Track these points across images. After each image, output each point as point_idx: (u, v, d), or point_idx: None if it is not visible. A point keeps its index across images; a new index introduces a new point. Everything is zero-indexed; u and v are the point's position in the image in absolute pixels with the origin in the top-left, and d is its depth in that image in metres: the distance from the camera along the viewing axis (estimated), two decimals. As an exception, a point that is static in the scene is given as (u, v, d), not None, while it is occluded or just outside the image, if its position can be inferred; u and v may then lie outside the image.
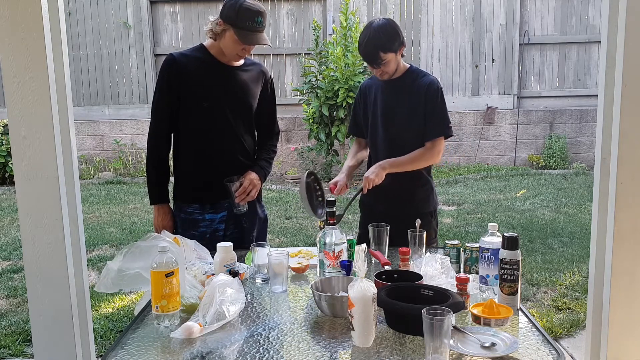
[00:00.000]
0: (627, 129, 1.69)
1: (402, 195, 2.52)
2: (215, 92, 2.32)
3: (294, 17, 8.67)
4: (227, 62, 2.34)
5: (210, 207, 2.38)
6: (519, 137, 8.61)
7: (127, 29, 8.60)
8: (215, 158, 2.37)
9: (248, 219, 2.45)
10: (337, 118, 7.29)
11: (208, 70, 2.32)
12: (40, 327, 1.84)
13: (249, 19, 2.17)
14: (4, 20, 1.72)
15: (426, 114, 2.43)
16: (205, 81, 2.31)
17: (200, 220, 2.37)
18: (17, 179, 1.80)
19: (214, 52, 2.32)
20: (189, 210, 2.38)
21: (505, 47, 8.70)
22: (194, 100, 2.31)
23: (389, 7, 8.59)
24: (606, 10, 1.74)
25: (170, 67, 2.29)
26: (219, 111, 2.33)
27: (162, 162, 2.37)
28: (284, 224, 5.59)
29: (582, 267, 4.21)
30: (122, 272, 1.70)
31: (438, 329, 1.30)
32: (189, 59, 2.32)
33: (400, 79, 2.48)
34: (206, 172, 2.37)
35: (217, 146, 2.36)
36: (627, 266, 1.73)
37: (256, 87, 2.43)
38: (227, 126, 2.36)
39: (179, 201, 2.42)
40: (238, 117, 2.38)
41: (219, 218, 2.40)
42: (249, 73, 2.41)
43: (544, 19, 8.68)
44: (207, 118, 2.33)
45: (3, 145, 7.56)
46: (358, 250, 1.49)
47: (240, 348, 1.47)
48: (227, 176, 2.32)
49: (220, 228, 2.40)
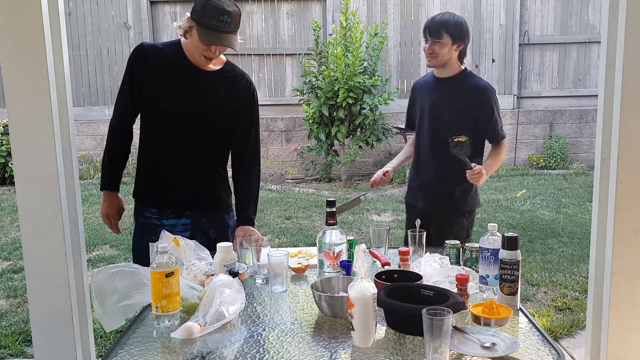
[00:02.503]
0: (627, 129, 1.69)
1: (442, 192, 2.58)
2: (177, 92, 2.16)
3: (294, 17, 8.67)
4: (198, 64, 2.15)
5: (170, 212, 2.24)
6: (519, 137, 8.61)
7: (127, 29, 8.60)
8: (171, 163, 2.21)
9: (215, 230, 2.29)
10: (337, 118, 7.29)
11: (174, 68, 2.15)
12: (40, 327, 1.84)
13: (212, 17, 1.99)
14: (4, 20, 1.72)
15: (485, 118, 2.50)
16: (168, 78, 2.15)
17: (157, 225, 2.20)
18: (17, 179, 1.79)
19: (187, 52, 2.15)
20: (147, 215, 2.26)
21: (505, 47, 8.69)
22: (153, 96, 2.16)
23: (389, 7, 8.58)
24: (606, 10, 1.74)
25: (137, 56, 2.16)
26: (178, 114, 2.16)
27: (117, 152, 2.27)
28: (284, 224, 5.59)
29: (582, 267, 4.21)
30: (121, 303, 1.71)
31: (438, 329, 1.29)
32: (159, 52, 2.18)
33: (453, 78, 2.53)
34: (162, 176, 2.23)
35: (175, 151, 2.19)
36: (627, 266, 1.73)
37: (230, 96, 2.22)
38: (186, 131, 2.18)
39: (137, 202, 2.30)
40: (201, 124, 2.19)
41: (180, 225, 2.25)
42: (225, 80, 2.22)
43: (544, 19, 8.68)
44: (166, 119, 2.17)
45: (3, 145, 7.55)
46: (358, 250, 1.49)
47: (240, 348, 1.47)
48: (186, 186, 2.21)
49: (185, 235, 2.12)
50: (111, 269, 1.73)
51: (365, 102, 7.19)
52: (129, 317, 1.70)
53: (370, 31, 7.53)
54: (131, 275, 1.71)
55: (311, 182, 8.09)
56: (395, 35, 8.64)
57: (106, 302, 1.71)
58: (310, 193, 7.11)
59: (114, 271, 1.72)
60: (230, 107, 2.24)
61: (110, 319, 1.72)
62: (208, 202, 2.30)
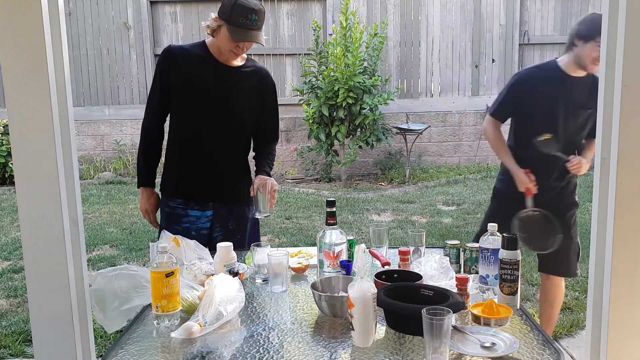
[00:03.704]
0: (627, 129, 1.68)
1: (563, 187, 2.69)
2: (207, 89, 2.29)
3: (294, 17, 8.67)
4: (225, 62, 2.31)
5: (196, 204, 2.36)
6: (519, 137, 8.60)
7: (127, 29, 8.60)
8: (200, 156, 2.34)
9: (234, 220, 2.42)
10: (337, 118, 7.29)
11: (203, 66, 2.29)
12: (40, 327, 1.83)
13: (242, 16, 2.14)
14: (4, 20, 1.71)
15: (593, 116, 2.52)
16: (198, 77, 2.29)
17: (182, 215, 2.35)
18: (17, 179, 1.79)
19: (213, 51, 2.30)
20: (173, 205, 2.37)
21: (505, 47, 8.69)
22: (184, 94, 2.30)
23: (389, 7, 8.59)
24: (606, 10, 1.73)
25: (165, 58, 2.31)
26: (208, 109, 2.30)
27: (151, 150, 2.39)
28: (284, 224, 5.59)
29: (582, 267, 4.20)
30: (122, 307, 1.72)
31: (438, 329, 1.30)
32: (186, 53, 2.31)
33: (590, 77, 2.57)
34: (190, 169, 2.35)
35: (204, 145, 2.33)
36: (627, 266, 1.73)
37: (254, 90, 2.39)
38: (216, 126, 2.32)
39: (164, 194, 2.41)
40: (229, 118, 2.33)
41: (204, 217, 2.37)
42: (249, 75, 2.38)
43: (543, 19, 8.68)
44: (196, 115, 2.31)
45: (3, 145, 7.56)
46: (358, 250, 1.49)
47: (240, 348, 1.47)
48: (210, 177, 2.33)
49: (206, 227, 2.37)
50: (110, 273, 1.75)
51: (365, 102, 7.19)
52: (130, 318, 1.70)
53: (370, 31, 7.53)
54: (130, 277, 1.72)
55: (311, 182, 8.09)
56: (395, 35, 8.64)
57: (107, 307, 1.72)
58: (310, 193, 7.12)
59: (112, 274, 1.73)
60: (254, 99, 2.40)
61: (112, 323, 1.73)
62: (231, 193, 2.40)
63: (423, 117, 8.53)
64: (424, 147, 8.56)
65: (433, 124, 8.51)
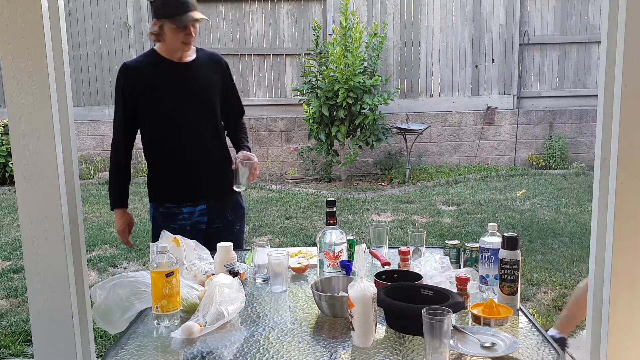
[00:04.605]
0: (627, 129, 1.68)
1: None
2: (173, 90, 2.34)
3: (294, 17, 8.67)
4: (179, 60, 2.35)
5: (187, 201, 2.41)
6: (519, 137, 8.61)
7: (127, 29, 8.60)
8: (183, 157, 2.39)
9: (232, 211, 2.49)
10: (337, 118, 7.29)
11: (161, 71, 2.34)
12: (40, 327, 1.83)
13: (175, 4, 2.22)
14: (4, 20, 1.71)
15: None
16: (160, 82, 2.34)
17: (177, 213, 2.41)
18: (17, 179, 1.79)
19: (164, 53, 2.35)
20: (167, 205, 2.43)
21: (505, 47, 8.69)
22: (152, 103, 2.34)
23: (389, 7, 8.58)
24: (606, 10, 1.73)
25: (123, 75, 2.34)
26: (180, 109, 2.35)
27: (121, 170, 2.43)
28: (284, 224, 5.59)
29: (582, 267, 4.21)
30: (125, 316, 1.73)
31: (438, 329, 1.30)
32: (141, 64, 2.37)
33: None
34: (173, 170, 2.40)
35: (184, 144, 2.37)
36: (627, 266, 1.72)
37: (214, 76, 2.44)
38: (191, 122, 2.37)
39: (154, 201, 2.46)
40: (200, 111, 2.38)
41: (198, 211, 2.43)
42: (205, 64, 2.42)
43: (543, 19, 8.68)
44: (165, 118, 2.35)
45: (3, 145, 7.56)
46: (358, 250, 1.49)
47: (240, 348, 1.47)
48: (198, 173, 2.39)
49: (202, 221, 2.44)
50: (107, 284, 1.76)
51: (365, 102, 7.19)
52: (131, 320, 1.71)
53: (370, 31, 7.53)
54: (129, 284, 1.73)
55: (311, 182, 8.09)
56: (395, 35, 8.64)
57: (112, 319, 1.73)
58: (310, 193, 7.12)
59: (111, 285, 1.74)
60: (216, 83, 2.46)
61: (115, 329, 1.74)
62: (220, 183, 2.45)
63: (423, 117, 8.53)
64: (424, 147, 8.56)
65: (433, 124, 8.51)
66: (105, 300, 1.74)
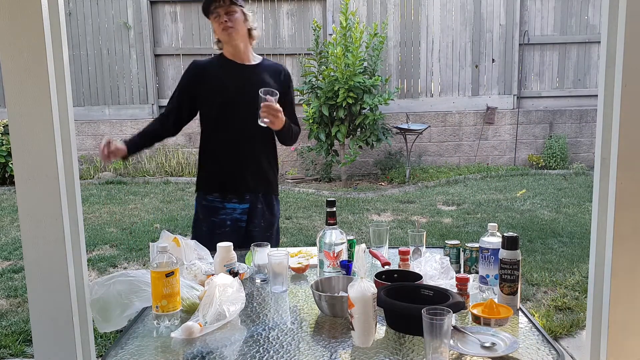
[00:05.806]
0: (627, 129, 1.68)
1: None
2: (230, 88, 2.49)
3: (294, 17, 8.67)
4: (242, 62, 2.55)
5: (233, 197, 2.52)
6: (519, 137, 8.61)
7: (127, 29, 8.60)
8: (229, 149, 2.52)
9: (267, 219, 2.60)
10: (337, 118, 7.29)
11: (224, 69, 2.53)
12: (40, 327, 1.84)
13: (206, 1, 2.45)
14: (4, 20, 1.71)
15: None
16: (222, 78, 2.51)
17: (220, 208, 2.52)
18: (17, 179, 1.79)
19: (229, 55, 2.55)
20: (210, 199, 2.54)
21: (505, 47, 8.70)
22: (209, 97, 2.51)
23: (389, 7, 8.59)
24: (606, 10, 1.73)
25: (190, 69, 2.58)
26: (234, 105, 2.48)
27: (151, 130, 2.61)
28: (284, 224, 5.59)
29: (582, 267, 4.21)
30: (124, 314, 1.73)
31: (438, 329, 1.30)
32: (208, 63, 2.59)
33: None
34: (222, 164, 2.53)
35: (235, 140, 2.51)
36: (627, 266, 1.73)
37: (273, 83, 2.57)
38: (242, 119, 2.48)
39: (200, 191, 2.58)
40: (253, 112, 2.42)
41: (240, 209, 2.53)
42: (266, 71, 2.60)
43: (543, 19, 8.68)
44: (219, 111, 2.49)
45: (3, 145, 7.56)
46: (358, 250, 1.49)
47: (240, 348, 1.47)
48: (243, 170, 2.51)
49: (243, 219, 2.54)
50: (107, 281, 1.76)
51: (365, 102, 7.19)
52: (130, 318, 1.70)
53: (370, 31, 7.53)
54: (128, 282, 1.73)
55: (311, 182, 8.09)
56: (395, 35, 8.64)
57: (110, 315, 1.73)
58: (310, 193, 7.12)
59: (110, 282, 1.75)
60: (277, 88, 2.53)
61: (113, 327, 1.74)
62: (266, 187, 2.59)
63: (423, 117, 8.53)
64: (424, 147, 8.56)
65: (433, 124, 8.51)
66: (104, 295, 1.73)
